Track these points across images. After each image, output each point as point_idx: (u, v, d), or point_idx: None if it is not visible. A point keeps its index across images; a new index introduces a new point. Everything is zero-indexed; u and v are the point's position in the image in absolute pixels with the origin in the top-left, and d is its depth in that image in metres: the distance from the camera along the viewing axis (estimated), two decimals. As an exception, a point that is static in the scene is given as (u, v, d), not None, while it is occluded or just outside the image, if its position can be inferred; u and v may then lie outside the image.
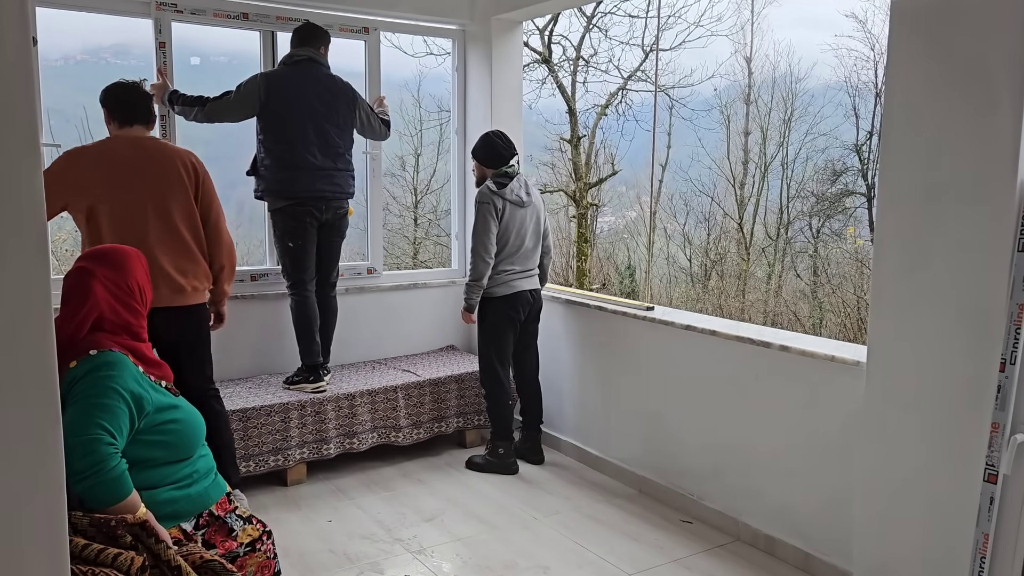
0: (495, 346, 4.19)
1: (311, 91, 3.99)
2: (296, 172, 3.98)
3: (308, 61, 4.04)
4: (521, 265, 4.19)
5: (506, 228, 4.11)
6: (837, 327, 11.53)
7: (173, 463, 2.18)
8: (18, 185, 1.15)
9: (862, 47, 15.22)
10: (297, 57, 4.04)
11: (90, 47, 8.45)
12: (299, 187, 3.99)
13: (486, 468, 4.21)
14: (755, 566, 3.25)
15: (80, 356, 2.08)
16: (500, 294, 4.15)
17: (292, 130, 3.96)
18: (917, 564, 2.67)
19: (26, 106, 1.15)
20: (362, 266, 4.80)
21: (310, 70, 4.03)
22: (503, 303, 4.16)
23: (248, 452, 3.81)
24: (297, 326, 4.11)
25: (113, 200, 3.12)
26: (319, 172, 4.01)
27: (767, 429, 3.36)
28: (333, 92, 4.06)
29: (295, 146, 3.96)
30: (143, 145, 3.25)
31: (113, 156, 3.17)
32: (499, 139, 4.18)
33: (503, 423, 4.21)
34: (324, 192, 4.04)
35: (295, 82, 4.00)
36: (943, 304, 2.53)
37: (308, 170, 3.98)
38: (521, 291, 4.18)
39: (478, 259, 4.07)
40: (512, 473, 4.18)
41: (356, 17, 4.58)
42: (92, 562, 1.78)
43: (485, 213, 4.06)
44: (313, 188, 4.01)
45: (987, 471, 2.38)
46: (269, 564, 2.27)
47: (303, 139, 3.97)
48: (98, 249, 2.36)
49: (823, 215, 13.11)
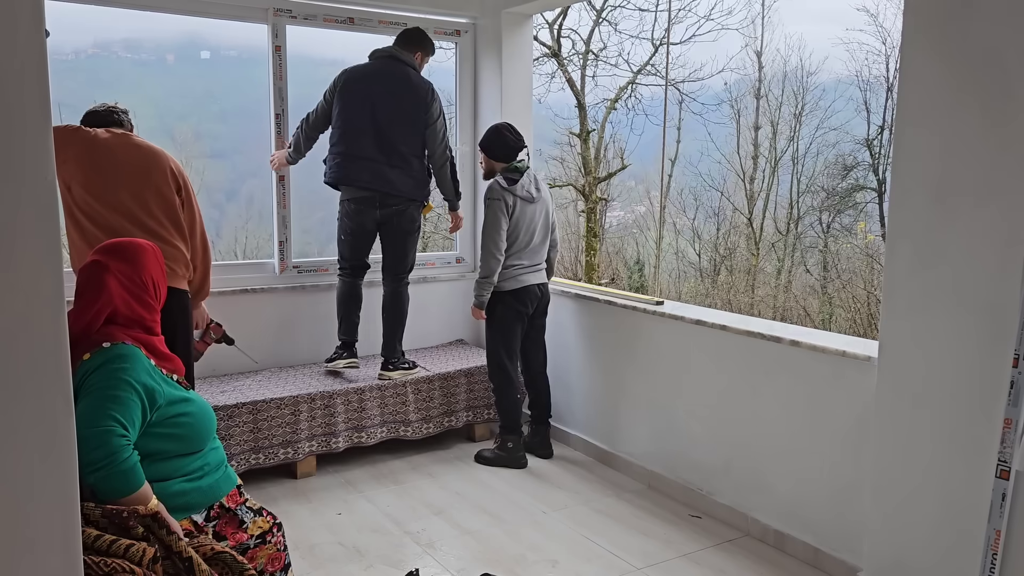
0: (503, 341, 4.19)
1: (379, 84, 4.09)
2: (345, 160, 4.08)
3: (388, 58, 4.16)
4: (529, 260, 4.19)
5: (516, 224, 4.10)
6: (847, 322, 11.49)
7: (184, 456, 2.19)
8: (31, 179, 1.16)
9: (874, 41, 15.19)
10: (379, 53, 4.18)
11: (101, 41, 8.49)
12: (347, 175, 4.09)
13: (495, 462, 4.21)
14: (764, 561, 3.25)
15: (93, 349, 2.09)
16: (509, 288, 4.14)
17: (348, 119, 4.07)
18: (928, 560, 2.66)
19: (39, 99, 1.16)
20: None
21: (386, 66, 4.14)
22: (512, 297, 4.15)
23: (258, 445, 3.83)
24: (336, 306, 4.30)
25: (87, 179, 3.09)
26: (367, 163, 4.06)
27: (777, 424, 3.35)
28: (403, 90, 4.11)
29: (348, 135, 4.07)
30: (127, 136, 3.25)
31: (95, 139, 3.15)
32: (509, 132, 4.16)
33: (512, 417, 4.21)
34: (371, 185, 4.07)
35: (365, 75, 4.13)
36: (956, 300, 2.52)
37: (357, 160, 4.06)
38: (529, 285, 4.18)
39: (489, 256, 4.06)
40: (521, 467, 4.19)
41: (368, 11, 4.58)
42: (104, 553, 1.79)
43: (496, 210, 4.05)
44: (359, 179, 4.07)
45: (999, 467, 2.37)
46: (279, 556, 2.28)
47: (357, 129, 4.07)
48: (113, 243, 2.37)
49: (833, 210, 13.06)
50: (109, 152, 3.15)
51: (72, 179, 3.09)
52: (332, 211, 4.35)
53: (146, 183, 3.19)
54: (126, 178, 3.15)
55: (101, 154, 3.13)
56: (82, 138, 3.14)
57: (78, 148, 3.10)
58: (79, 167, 3.10)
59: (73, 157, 3.08)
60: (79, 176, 3.10)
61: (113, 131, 3.24)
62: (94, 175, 3.11)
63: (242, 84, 8.34)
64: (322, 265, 4.65)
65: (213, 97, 9.66)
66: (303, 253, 4.82)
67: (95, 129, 3.21)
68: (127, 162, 3.17)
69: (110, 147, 3.16)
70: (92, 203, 3.10)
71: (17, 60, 1.13)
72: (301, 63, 4.63)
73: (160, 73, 9.42)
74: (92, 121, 3.30)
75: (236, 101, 9.46)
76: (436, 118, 4.16)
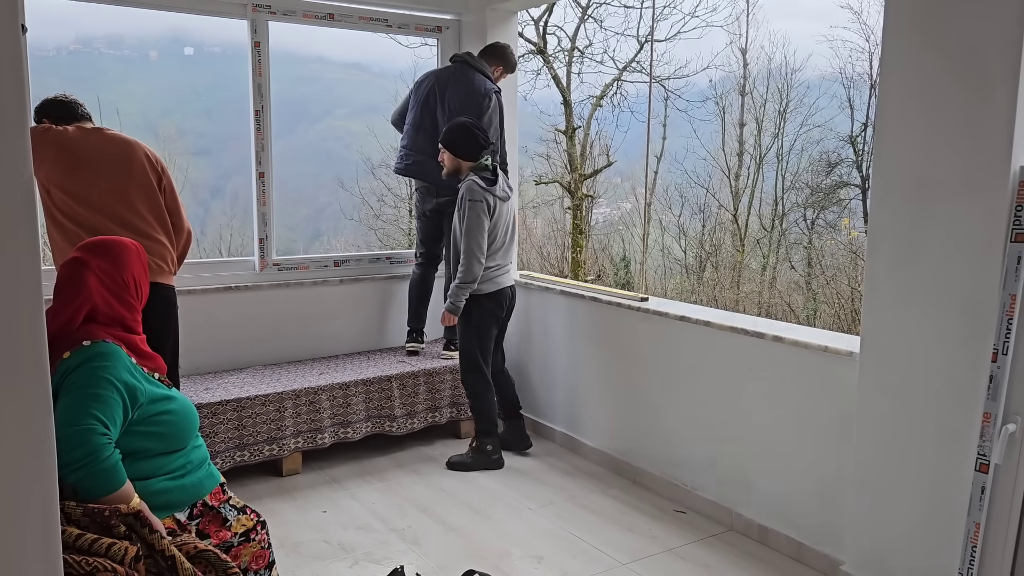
0: (480, 344, 4.10)
1: (442, 85, 4.42)
2: (405, 152, 4.52)
3: (461, 62, 4.47)
4: (503, 260, 4.12)
5: (495, 225, 4.02)
6: (831, 318, 11.56)
7: (167, 454, 2.18)
8: (8, 177, 1.15)
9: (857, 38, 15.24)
10: (456, 57, 4.52)
11: (83, 37, 8.42)
12: (406, 168, 4.55)
13: (473, 466, 4.10)
14: (748, 556, 3.27)
15: (73, 347, 2.07)
16: (487, 291, 4.05)
17: (413, 116, 4.49)
18: (909, 553, 2.69)
19: (16, 95, 1.15)
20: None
21: (453, 69, 4.47)
22: (490, 300, 4.08)
23: (243, 442, 3.81)
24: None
25: (64, 180, 3.04)
26: (423, 158, 4.43)
27: (761, 420, 3.37)
28: (461, 92, 4.37)
29: (410, 130, 4.49)
30: (103, 132, 3.20)
31: (69, 138, 3.09)
32: (478, 129, 4.05)
33: (490, 419, 4.14)
34: (424, 178, 4.48)
35: (433, 75, 4.53)
36: (936, 295, 2.54)
37: (414, 154, 4.47)
38: (504, 287, 4.13)
39: (472, 259, 3.93)
40: (499, 468, 4.15)
41: (348, 6, 4.56)
42: (86, 552, 1.78)
43: (479, 212, 3.92)
44: (414, 172, 4.54)
45: (979, 461, 2.40)
46: (263, 554, 2.27)
47: (417, 126, 4.46)
48: (96, 240, 2.34)
49: (818, 206, 13.13)
50: (84, 151, 3.08)
51: (49, 182, 3.02)
52: (317, 208, 4.36)
53: (127, 178, 3.14)
54: (105, 176, 3.10)
55: (76, 154, 3.07)
56: (54, 139, 3.05)
57: (51, 150, 3.03)
58: (55, 169, 3.03)
59: (48, 159, 3.01)
60: (56, 178, 3.03)
61: (83, 127, 3.18)
62: (72, 176, 3.05)
63: (226, 80, 8.28)
64: (303, 263, 4.64)
65: (197, 94, 9.59)
66: (288, 251, 4.82)
67: (65, 127, 3.12)
68: (104, 159, 3.11)
69: (84, 145, 3.09)
70: (72, 205, 3.05)
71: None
72: (285, 60, 4.62)
73: (143, 69, 9.34)
74: (56, 112, 3.19)
75: (220, 97, 9.39)
76: (488, 122, 4.38)
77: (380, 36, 4.72)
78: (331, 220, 9.63)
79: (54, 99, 3.24)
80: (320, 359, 4.52)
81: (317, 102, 11.09)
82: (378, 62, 10.10)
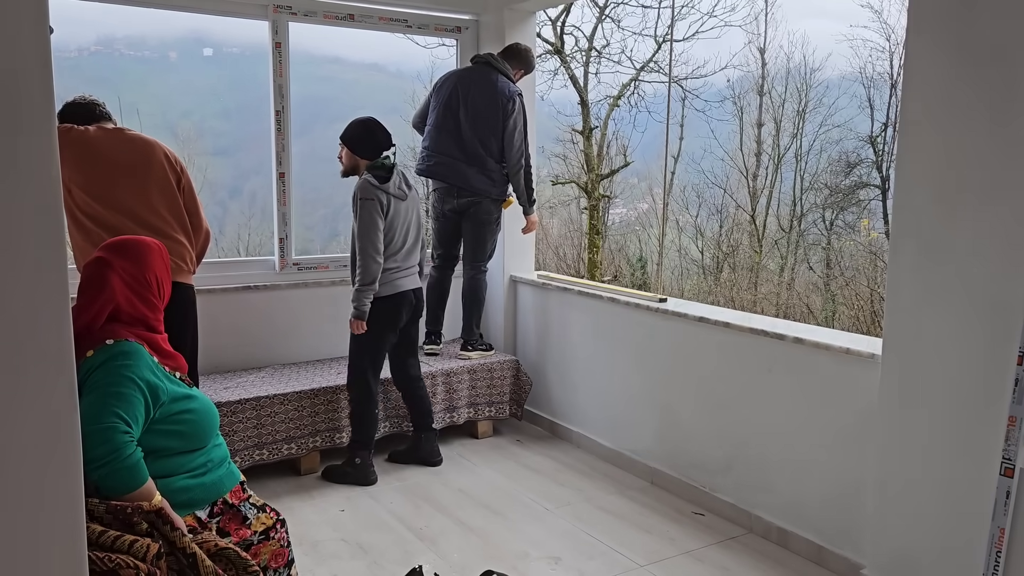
0: (371, 352, 3.90)
1: (465, 87, 4.42)
2: (429, 155, 4.48)
3: (484, 63, 4.47)
4: (404, 263, 3.93)
5: (391, 224, 3.83)
6: (850, 320, 11.48)
7: (188, 452, 2.20)
8: (36, 175, 1.16)
9: (878, 37, 15.12)
10: (478, 59, 4.51)
11: (104, 38, 8.50)
12: (428, 168, 4.51)
13: (346, 479, 3.92)
14: (767, 559, 3.25)
15: (96, 345, 2.09)
16: (384, 294, 3.85)
17: (436, 117, 4.47)
18: (931, 558, 2.66)
19: (43, 96, 1.16)
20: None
21: (476, 71, 4.47)
22: (387, 304, 3.87)
23: (261, 440, 3.83)
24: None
25: (86, 180, 3.06)
26: (447, 160, 4.43)
27: (780, 422, 3.35)
28: (486, 95, 4.38)
29: (433, 131, 4.47)
30: (123, 132, 3.22)
31: (90, 138, 3.11)
32: (381, 131, 3.89)
33: (368, 432, 3.95)
34: (447, 179, 4.45)
35: (455, 76, 4.51)
36: (960, 298, 2.51)
37: (438, 155, 4.45)
38: (405, 291, 3.93)
39: (369, 260, 3.75)
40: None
41: (368, 7, 4.57)
42: (109, 548, 1.79)
43: (371, 210, 3.75)
44: (437, 173, 4.48)
45: (1003, 465, 2.37)
46: (283, 552, 2.28)
47: (441, 127, 4.45)
48: (119, 240, 2.36)
49: (836, 207, 13.04)
50: (105, 151, 3.11)
51: (70, 181, 3.05)
52: (334, 208, 4.38)
53: (147, 178, 3.16)
54: (125, 176, 3.12)
55: (97, 153, 3.09)
56: (76, 139, 3.08)
57: (73, 149, 3.05)
58: (77, 169, 3.05)
59: (69, 159, 3.02)
60: (77, 178, 3.06)
61: (104, 127, 3.20)
62: (93, 176, 3.07)
63: (245, 81, 8.33)
64: (322, 263, 4.66)
65: (216, 94, 9.66)
66: (305, 251, 4.84)
67: (86, 127, 3.14)
68: (124, 159, 3.13)
69: (105, 145, 3.12)
70: (93, 204, 3.07)
71: (20, 57, 1.13)
72: (302, 60, 4.64)
73: (163, 70, 9.41)
74: (77, 114, 3.22)
75: (239, 98, 9.45)
76: (513, 125, 4.40)
77: (397, 37, 4.73)
78: (348, 220, 9.63)
79: (74, 102, 3.27)
80: (339, 359, 4.53)
81: (334, 102, 11.17)
82: (395, 63, 10.13)
